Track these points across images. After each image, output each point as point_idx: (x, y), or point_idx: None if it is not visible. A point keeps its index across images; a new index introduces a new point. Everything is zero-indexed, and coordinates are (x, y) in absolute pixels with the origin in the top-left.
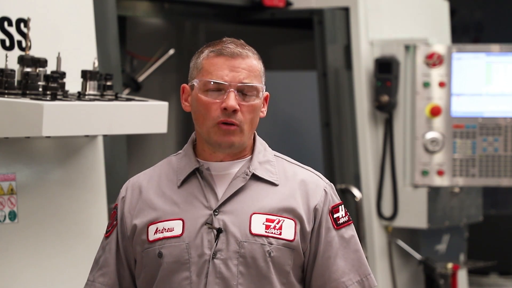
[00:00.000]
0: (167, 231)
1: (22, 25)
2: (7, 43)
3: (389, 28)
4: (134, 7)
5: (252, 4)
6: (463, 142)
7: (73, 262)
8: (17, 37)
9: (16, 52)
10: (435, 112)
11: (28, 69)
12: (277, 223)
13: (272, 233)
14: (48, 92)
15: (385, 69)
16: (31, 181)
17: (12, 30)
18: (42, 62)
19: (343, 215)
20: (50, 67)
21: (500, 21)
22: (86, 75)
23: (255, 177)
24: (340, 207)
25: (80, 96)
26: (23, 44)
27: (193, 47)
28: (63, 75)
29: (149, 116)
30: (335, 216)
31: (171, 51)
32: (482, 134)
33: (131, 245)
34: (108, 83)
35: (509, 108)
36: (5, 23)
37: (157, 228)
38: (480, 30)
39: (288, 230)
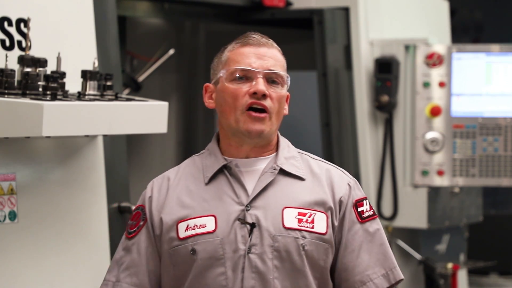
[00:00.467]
0: (199, 228)
1: (22, 25)
2: (7, 43)
3: (389, 28)
4: (134, 7)
5: (252, 4)
6: (463, 142)
7: (73, 262)
8: (17, 37)
9: (16, 52)
10: (435, 112)
11: (28, 69)
12: (309, 217)
13: (305, 226)
14: (48, 92)
15: (385, 69)
16: (31, 181)
17: (12, 30)
18: (42, 62)
19: (368, 209)
20: (50, 67)
21: (500, 21)
22: (86, 75)
23: (282, 172)
24: (364, 201)
25: (80, 96)
26: (23, 44)
27: (193, 47)
28: (63, 75)
29: (149, 116)
30: (359, 209)
31: (171, 51)
32: (482, 134)
33: (159, 243)
34: (108, 83)
35: (509, 108)
36: (5, 23)
37: (188, 225)
38: (480, 30)
39: (320, 223)
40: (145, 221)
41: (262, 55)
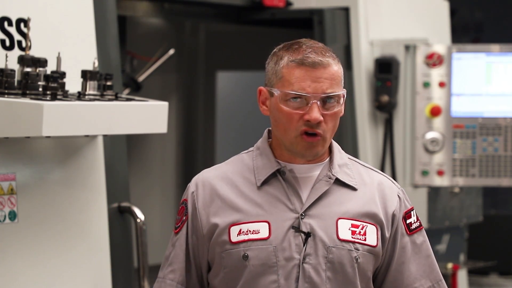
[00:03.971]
0: (253, 233)
1: (22, 25)
2: (7, 43)
3: (389, 28)
4: (134, 7)
5: (252, 4)
6: (463, 142)
7: (73, 262)
8: (17, 37)
9: (16, 52)
10: (435, 112)
11: (28, 69)
12: (362, 229)
13: (358, 238)
14: (48, 92)
15: (385, 69)
16: (31, 181)
17: (12, 30)
18: (42, 62)
19: (415, 221)
20: (50, 67)
21: (500, 21)
22: (86, 75)
23: (336, 181)
24: (412, 212)
25: (80, 96)
26: (23, 44)
27: (193, 47)
28: (63, 75)
29: (149, 116)
30: (407, 221)
31: (171, 51)
32: (482, 134)
33: (205, 243)
34: (108, 83)
35: (509, 108)
36: (5, 23)
37: (240, 230)
38: (480, 30)
39: (372, 235)
40: (187, 216)
41: (317, 78)
